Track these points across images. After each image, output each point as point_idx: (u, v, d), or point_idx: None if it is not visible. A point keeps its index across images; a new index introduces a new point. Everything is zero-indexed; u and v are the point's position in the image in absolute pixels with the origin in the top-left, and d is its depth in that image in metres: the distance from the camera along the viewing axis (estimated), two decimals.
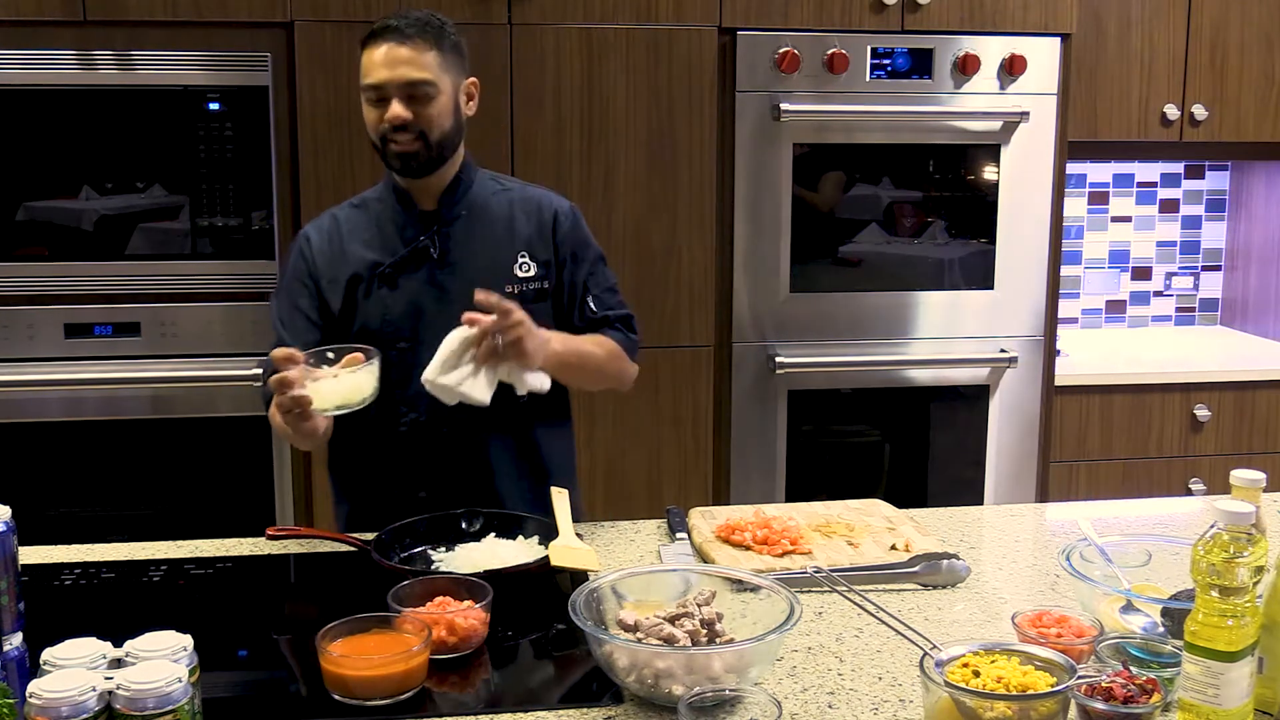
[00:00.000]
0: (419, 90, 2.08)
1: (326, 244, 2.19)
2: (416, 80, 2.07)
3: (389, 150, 2.11)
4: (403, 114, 2.07)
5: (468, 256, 2.17)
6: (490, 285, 2.08)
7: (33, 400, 3.05)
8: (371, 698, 1.49)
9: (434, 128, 2.10)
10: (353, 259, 2.17)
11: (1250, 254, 4.18)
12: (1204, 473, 3.65)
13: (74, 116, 3.00)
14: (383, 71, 2.07)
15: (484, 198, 2.22)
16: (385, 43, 2.07)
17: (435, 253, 2.16)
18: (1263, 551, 1.36)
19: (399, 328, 2.14)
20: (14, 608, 1.44)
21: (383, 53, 2.07)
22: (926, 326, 3.41)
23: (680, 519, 2.12)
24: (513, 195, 2.25)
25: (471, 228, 2.19)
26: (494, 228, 2.20)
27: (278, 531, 2.05)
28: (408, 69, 2.07)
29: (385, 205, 2.21)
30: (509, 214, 2.22)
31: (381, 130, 2.10)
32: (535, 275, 2.20)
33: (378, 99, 2.09)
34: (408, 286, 2.15)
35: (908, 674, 1.58)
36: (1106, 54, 3.68)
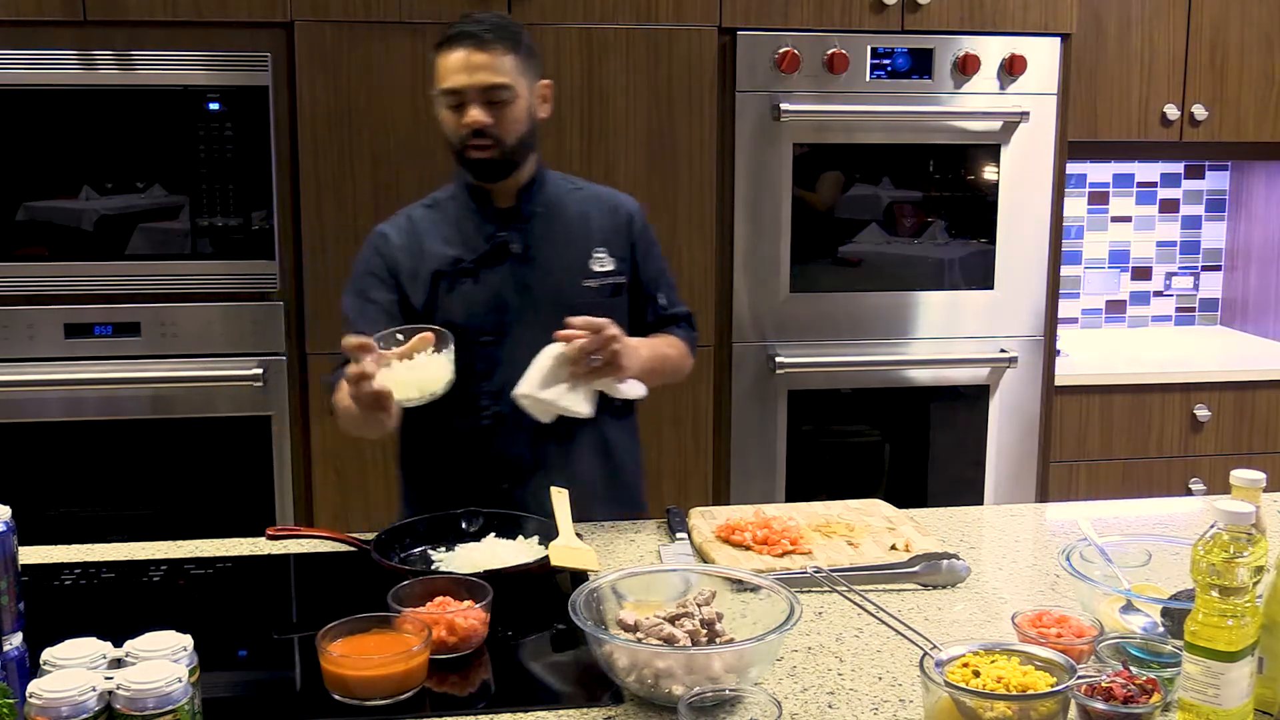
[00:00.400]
0: (497, 95, 2.09)
1: (406, 241, 2.21)
2: (495, 85, 2.08)
3: (467, 156, 2.13)
4: (482, 118, 2.08)
5: (547, 252, 2.20)
6: (570, 280, 2.16)
7: (33, 400, 3.05)
8: (371, 698, 1.49)
9: (511, 132, 2.11)
10: (434, 255, 2.19)
11: (1250, 254, 4.18)
12: (1204, 473, 3.65)
13: (74, 116, 3.00)
14: (461, 76, 2.08)
15: (559, 195, 2.25)
16: (462, 47, 2.08)
17: (517, 248, 2.18)
18: (1263, 551, 1.36)
19: (483, 321, 2.16)
20: (14, 608, 1.44)
21: (460, 57, 2.08)
22: (926, 326, 3.41)
23: (680, 519, 2.12)
24: (585, 193, 2.29)
25: (550, 224, 2.22)
26: (571, 224, 2.23)
27: (278, 531, 2.05)
28: (486, 74, 2.07)
29: (461, 204, 2.23)
30: (584, 211, 2.25)
31: (460, 135, 2.11)
32: (613, 270, 2.23)
33: (455, 104, 2.10)
34: (490, 281, 2.17)
35: (908, 674, 1.58)
36: (1106, 54, 3.68)
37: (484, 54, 2.07)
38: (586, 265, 2.21)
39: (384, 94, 3.09)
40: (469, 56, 2.07)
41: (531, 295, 2.17)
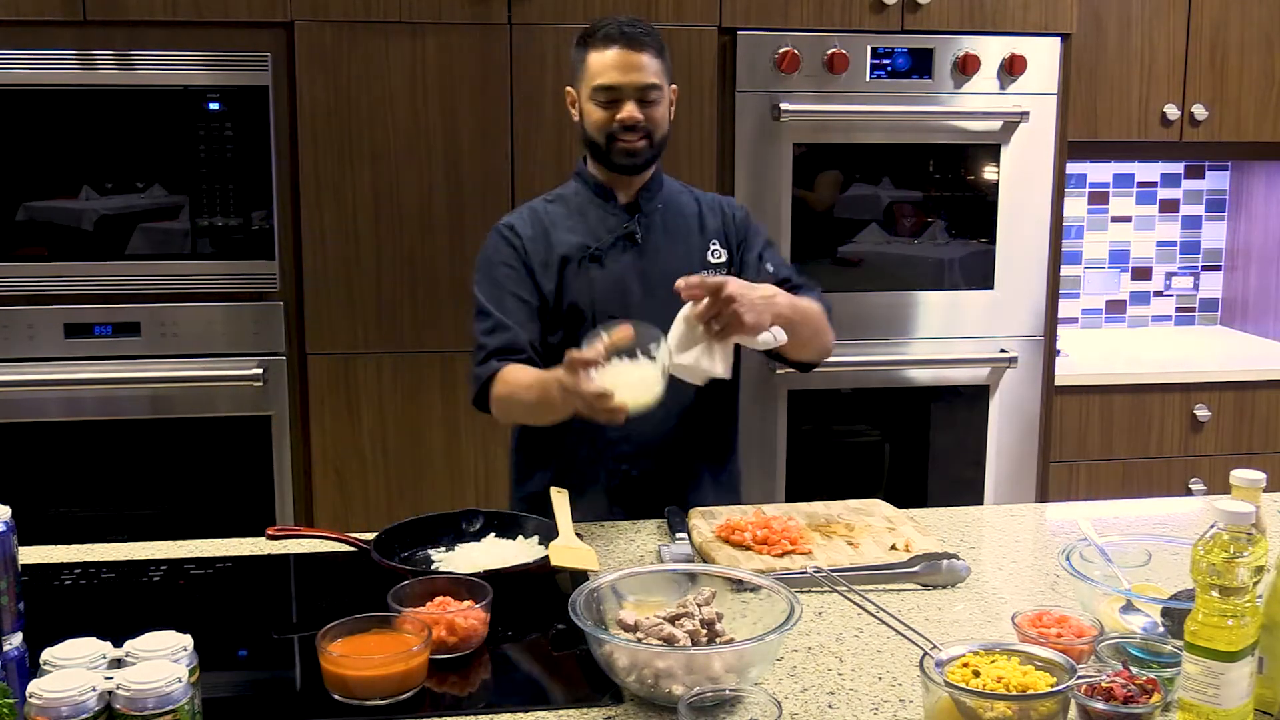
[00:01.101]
0: (649, 94, 2.21)
1: (532, 230, 2.29)
2: (649, 84, 2.21)
3: (615, 147, 2.23)
4: (638, 115, 2.20)
5: (666, 244, 2.31)
6: (689, 269, 2.22)
7: (32, 400, 3.05)
8: (371, 698, 1.49)
9: (658, 129, 2.25)
10: (561, 243, 2.27)
11: (1250, 254, 4.18)
12: (1204, 473, 3.65)
13: (74, 116, 3.00)
14: (616, 74, 2.20)
15: (674, 195, 2.37)
16: (619, 47, 2.20)
17: (641, 237, 2.28)
18: (1263, 551, 1.36)
19: (608, 306, 2.24)
20: (14, 608, 1.44)
21: (618, 56, 2.20)
22: (926, 326, 3.41)
23: (680, 519, 2.12)
24: (697, 195, 2.40)
25: (667, 219, 2.33)
26: (687, 220, 2.35)
27: (278, 531, 2.05)
28: (641, 74, 2.20)
29: (584, 198, 2.33)
30: (698, 210, 2.37)
31: (611, 129, 2.22)
32: (726, 261, 2.33)
33: (609, 100, 2.21)
34: (613, 268, 2.27)
35: (908, 674, 1.58)
36: (1106, 54, 3.68)
37: (641, 54, 2.20)
38: (703, 257, 2.32)
39: (384, 94, 3.09)
40: (627, 57, 2.19)
41: (652, 282, 2.25)
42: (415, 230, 3.14)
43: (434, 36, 3.09)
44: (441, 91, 3.10)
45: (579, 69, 2.26)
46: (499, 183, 3.15)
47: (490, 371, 2.18)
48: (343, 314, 3.14)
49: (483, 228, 3.11)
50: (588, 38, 2.25)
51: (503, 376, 2.16)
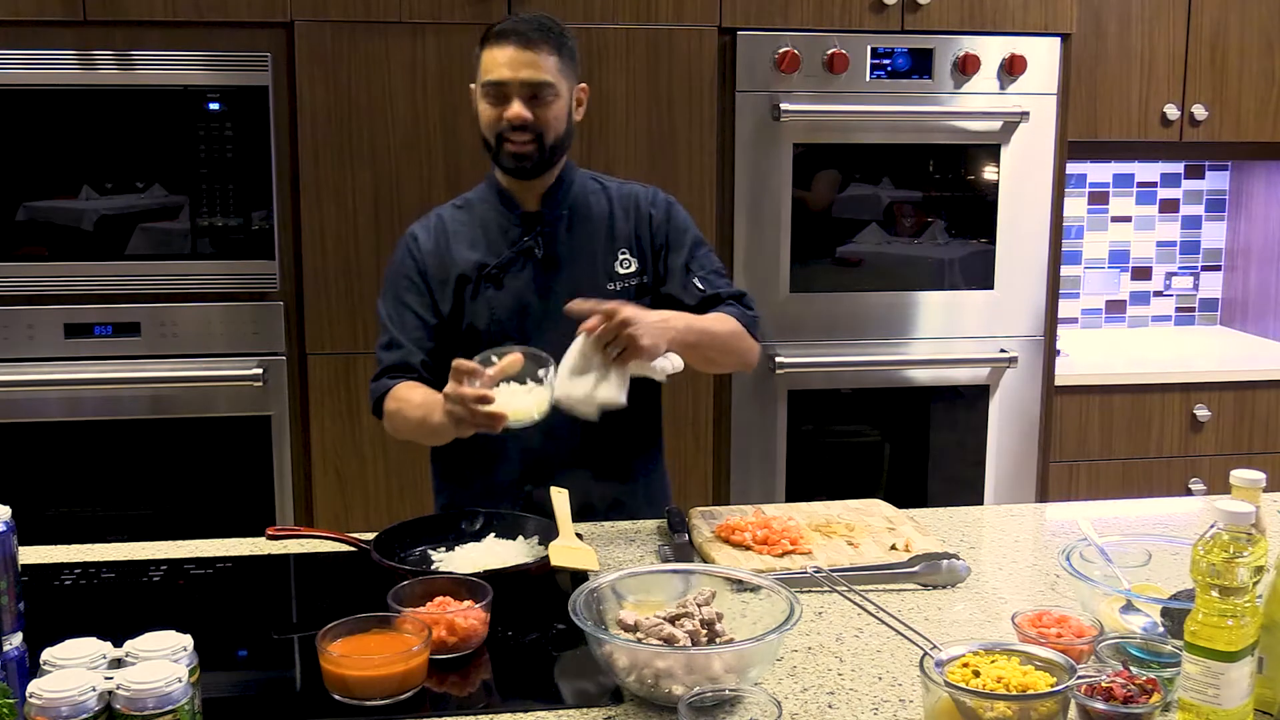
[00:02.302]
0: (540, 92, 2.13)
1: (433, 244, 2.23)
2: (538, 82, 2.12)
3: (503, 149, 2.16)
4: (523, 113, 2.12)
5: (571, 255, 2.22)
6: (594, 282, 2.17)
7: (32, 400, 3.05)
8: (371, 698, 1.49)
9: (550, 130, 2.15)
10: (459, 260, 2.21)
11: (1250, 254, 4.18)
12: (1204, 473, 3.65)
13: (74, 116, 3.00)
14: (505, 71, 2.11)
15: (584, 197, 2.27)
16: (509, 44, 2.12)
17: (540, 252, 2.20)
18: (1263, 551, 1.36)
19: (506, 327, 2.18)
20: (14, 608, 1.44)
21: (507, 54, 2.11)
22: (926, 326, 3.41)
23: (680, 519, 2.12)
24: (610, 193, 2.30)
25: (573, 227, 2.24)
26: (595, 226, 2.25)
27: (278, 531, 2.05)
28: (531, 71, 2.11)
29: (488, 206, 2.26)
30: (608, 212, 2.27)
31: (499, 128, 2.14)
32: (636, 271, 2.25)
33: (498, 97, 2.13)
34: (513, 286, 2.20)
35: (908, 674, 1.58)
36: (1106, 54, 3.68)
37: (530, 52, 2.11)
38: (611, 268, 2.23)
39: (384, 94, 3.09)
40: (516, 53, 2.11)
41: (555, 300, 2.16)
42: None
43: (434, 36, 3.09)
44: (441, 91, 3.10)
45: (476, 65, 2.18)
46: None
47: (383, 389, 2.17)
48: (343, 314, 3.14)
49: None
50: (486, 35, 2.17)
51: (394, 393, 2.15)
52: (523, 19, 2.16)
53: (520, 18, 2.17)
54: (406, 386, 2.14)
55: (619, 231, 2.25)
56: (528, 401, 1.92)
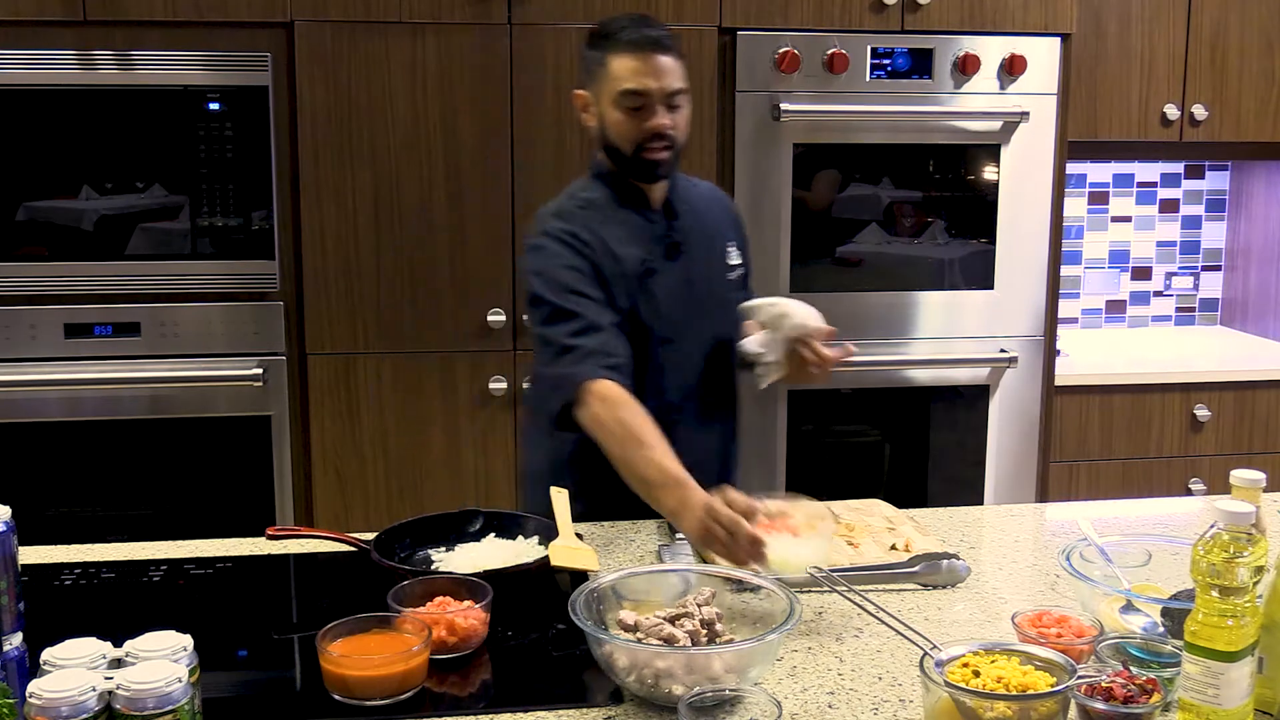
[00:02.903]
0: (677, 100, 2.12)
1: (591, 238, 2.13)
2: (679, 90, 2.12)
3: (642, 158, 2.12)
4: (668, 123, 2.10)
5: (699, 249, 2.25)
6: (719, 274, 2.24)
7: (33, 400, 3.05)
8: (371, 698, 1.49)
9: (682, 135, 2.16)
10: (622, 257, 2.14)
11: (1250, 254, 4.18)
12: (1204, 473, 3.65)
13: (74, 116, 3.00)
14: (650, 80, 2.08)
15: (688, 193, 2.28)
16: (650, 51, 2.09)
17: (686, 248, 2.22)
18: (1263, 551, 1.36)
19: (664, 323, 2.18)
20: (14, 608, 1.44)
21: (648, 62, 2.08)
22: (926, 326, 3.41)
23: None
24: (700, 189, 2.33)
25: (693, 221, 2.26)
26: (706, 220, 2.29)
27: (278, 531, 2.05)
28: (671, 78, 2.10)
29: (617, 204, 2.18)
30: (709, 207, 2.31)
31: (638, 138, 2.11)
32: (740, 263, 2.33)
33: (638, 107, 2.10)
34: (665, 282, 2.19)
35: (908, 674, 1.58)
36: (1106, 54, 3.68)
37: (669, 58, 2.10)
38: (725, 258, 2.28)
39: (384, 94, 3.09)
40: (658, 61, 2.09)
41: (695, 292, 2.21)
42: (415, 230, 3.14)
43: (434, 36, 3.08)
44: (441, 91, 3.10)
45: (596, 72, 2.13)
46: (499, 183, 3.14)
47: (585, 376, 1.95)
48: (343, 314, 3.14)
49: (483, 228, 3.15)
50: (606, 39, 2.12)
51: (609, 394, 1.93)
52: (642, 22, 2.12)
53: (634, 20, 2.13)
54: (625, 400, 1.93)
55: (723, 225, 2.31)
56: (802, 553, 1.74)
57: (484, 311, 3.16)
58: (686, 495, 1.79)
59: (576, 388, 1.96)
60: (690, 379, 2.22)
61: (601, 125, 2.16)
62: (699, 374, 2.24)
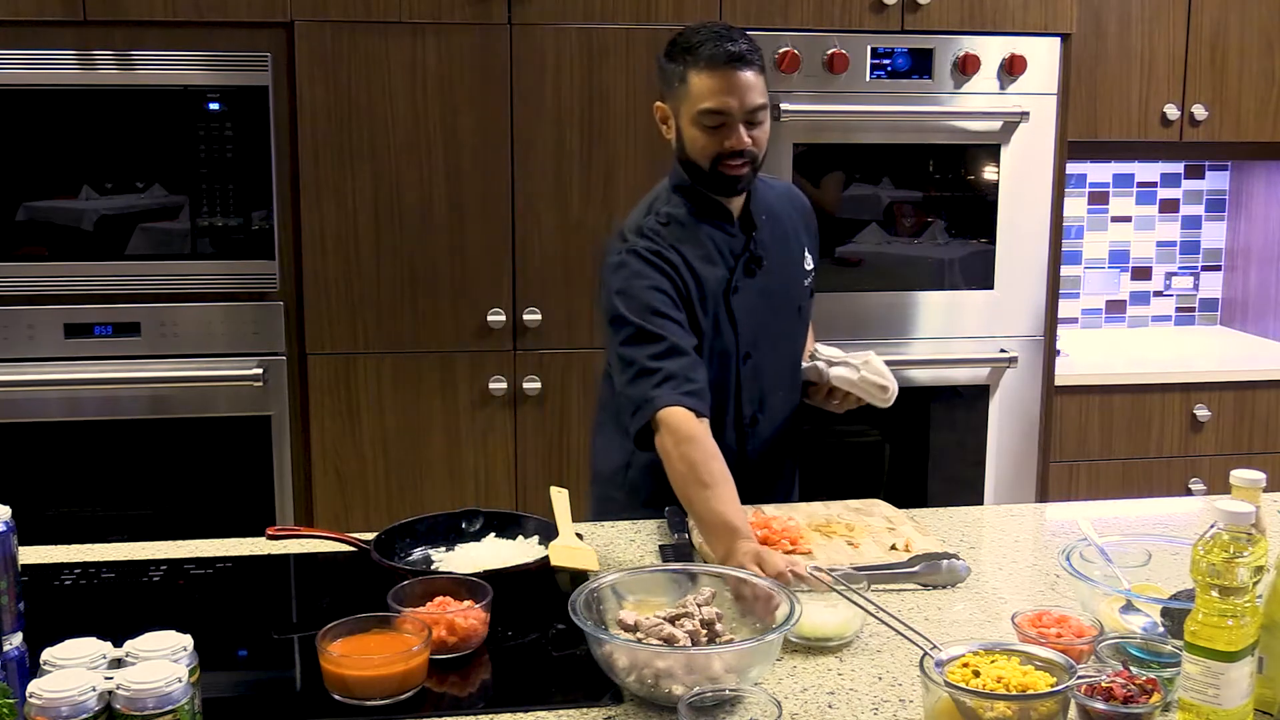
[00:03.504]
0: (758, 116, 2.07)
1: (675, 258, 2.11)
2: (760, 106, 2.07)
3: (720, 175, 2.09)
4: (748, 141, 2.06)
5: (777, 259, 2.23)
6: (797, 283, 2.24)
7: (33, 400, 3.05)
8: (371, 698, 1.49)
9: (762, 150, 2.11)
10: (704, 277, 2.13)
11: (1250, 254, 4.18)
12: (1204, 473, 3.65)
13: (74, 116, 3.00)
14: (731, 99, 2.04)
15: (766, 199, 2.25)
16: (733, 69, 2.03)
17: (765, 260, 2.20)
18: (1263, 551, 1.36)
19: (745, 338, 2.18)
20: (14, 608, 1.44)
21: (731, 80, 2.03)
22: (926, 326, 3.41)
23: (680, 519, 2.12)
24: (776, 191, 2.31)
25: (771, 231, 2.24)
26: (783, 226, 2.27)
27: (278, 531, 2.05)
28: (754, 95, 2.05)
29: (697, 218, 2.16)
30: (786, 213, 2.29)
31: (718, 155, 2.07)
32: (814, 268, 2.32)
33: (718, 124, 2.06)
34: (746, 298, 2.18)
35: (908, 674, 1.58)
36: (1106, 54, 3.68)
37: (751, 74, 2.04)
38: (802, 265, 2.26)
39: (384, 94, 3.09)
40: (740, 79, 2.03)
41: (775, 304, 2.20)
42: (415, 230, 3.14)
43: (434, 36, 3.08)
44: (441, 91, 3.10)
45: (677, 87, 2.08)
46: (499, 183, 3.14)
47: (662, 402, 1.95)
48: (343, 314, 3.14)
49: (483, 228, 3.15)
50: (688, 53, 2.06)
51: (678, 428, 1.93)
52: (720, 33, 2.05)
53: (716, 31, 2.06)
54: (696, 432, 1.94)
55: (796, 229, 2.29)
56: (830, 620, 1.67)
57: (484, 312, 3.16)
58: (735, 545, 1.79)
59: (654, 413, 1.97)
60: (766, 390, 2.23)
61: (680, 139, 2.13)
62: (775, 385, 2.25)
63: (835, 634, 1.66)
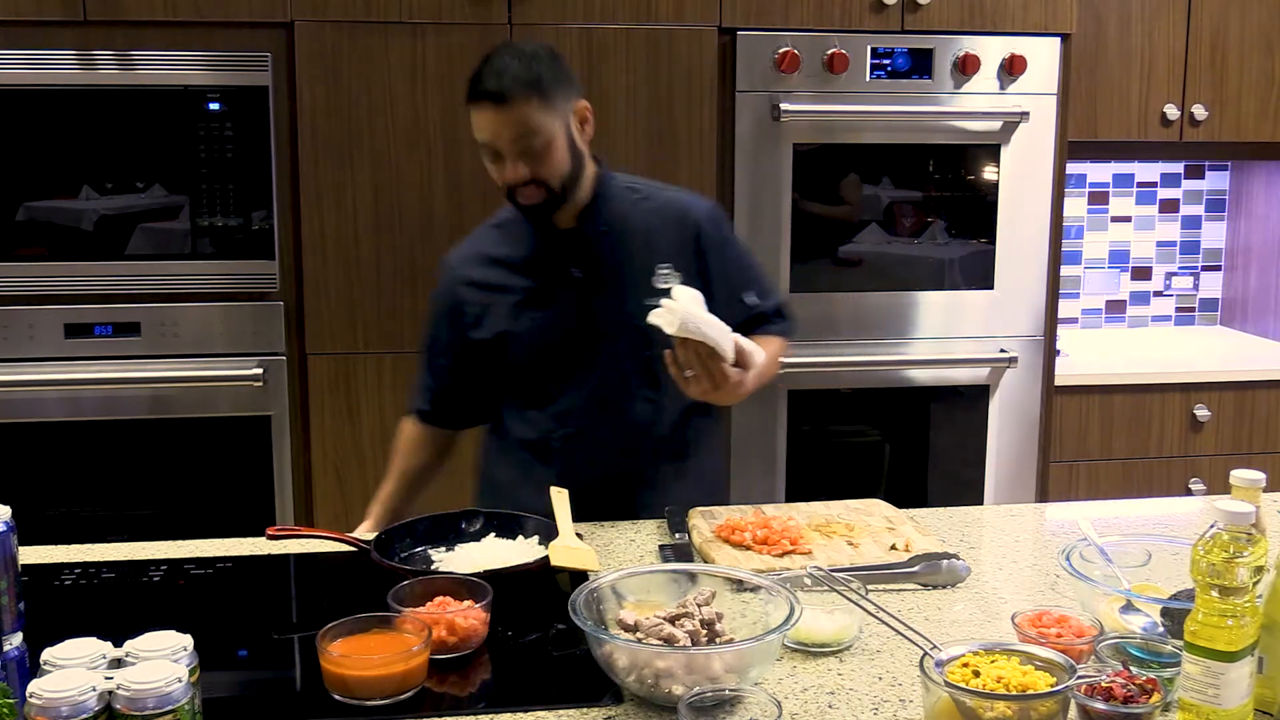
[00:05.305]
0: (529, 145, 2.05)
1: (475, 272, 2.23)
2: (525, 134, 2.05)
3: (517, 201, 2.13)
4: (521, 174, 2.07)
5: (612, 275, 2.18)
6: (635, 301, 2.10)
7: (33, 400, 3.05)
8: (371, 698, 1.49)
9: (553, 175, 2.09)
10: (500, 286, 2.20)
11: (1250, 254, 4.18)
12: (1204, 473, 3.65)
13: (74, 116, 3.00)
14: (489, 134, 2.07)
15: (623, 210, 2.21)
16: (487, 106, 2.05)
17: (579, 274, 2.18)
18: (1263, 551, 1.36)
19: (549, 349, 2.18)
20: (14, 608, 1.44)
21: (486, 116, 2.05)
22: (926, 326, 3.41)
23: (680, 519, 2.12)
24: (650, 205, 2.23)
25: (613, 244, 2.19)
26: (635, 241, 2.19)
27: (278, 531, 2.05)
28: (513, 129, 2.04)
29: (526, 226, 2.19)
30: (648, 225, 2.21)
31: (504, 185, 2.12)
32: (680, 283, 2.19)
33: (493, 156, 2.10)
34: (556, 309, 2.18)
35: (908, 674, 1.58)
36: (1106, 54, 3.68)
37: (507, 110, 2.03)
38: (651, 283, 2.16)
39: (384, 94, 3.09)
40: (495, 114, 2.04)
41: (596, 320, 2.17)
42: (415, 230, 3.14)
43: (434, 36, 3.09)
44: (441, 91, 3.10)
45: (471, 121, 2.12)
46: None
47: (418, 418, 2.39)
48: (343, 314, 3.14)
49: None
50: (469, 89, 2.08)
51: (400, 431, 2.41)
52: (497, 69, 2.04)
53: (495, 67, 2.05)
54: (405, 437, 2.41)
55: (659, 244, 2.19)
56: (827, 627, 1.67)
57: None
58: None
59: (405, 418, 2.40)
60: (586, 399, 2.19)
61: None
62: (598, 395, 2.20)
63: (833, 640, 1.66)
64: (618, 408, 2.21)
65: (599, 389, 2.20)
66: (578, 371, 2.19)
